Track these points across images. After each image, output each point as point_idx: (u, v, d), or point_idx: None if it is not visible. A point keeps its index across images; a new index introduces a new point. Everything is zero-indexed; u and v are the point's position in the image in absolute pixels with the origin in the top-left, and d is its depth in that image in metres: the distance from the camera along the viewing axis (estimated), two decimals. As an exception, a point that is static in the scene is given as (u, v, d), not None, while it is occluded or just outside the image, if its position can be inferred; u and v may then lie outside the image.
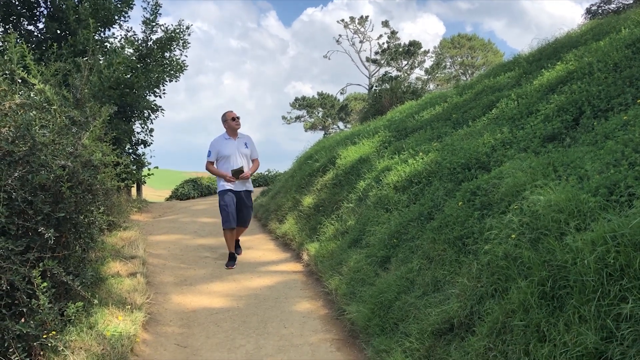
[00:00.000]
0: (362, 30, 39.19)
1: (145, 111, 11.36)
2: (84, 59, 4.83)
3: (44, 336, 2.84)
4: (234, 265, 5.96)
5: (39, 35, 10.44)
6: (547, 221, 2.67)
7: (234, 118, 5.99)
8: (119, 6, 10.78)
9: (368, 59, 39.48)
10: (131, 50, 10.66)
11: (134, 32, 11.85)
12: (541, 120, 4.56)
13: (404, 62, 38.95)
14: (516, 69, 7.08)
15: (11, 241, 2.81)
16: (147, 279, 5.11)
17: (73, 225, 3.37)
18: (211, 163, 6.02)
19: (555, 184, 3.02)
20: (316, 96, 42.40)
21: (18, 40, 8.69)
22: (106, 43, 10.67)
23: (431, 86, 35.23)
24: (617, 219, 2.27)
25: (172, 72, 11.59)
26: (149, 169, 11.95)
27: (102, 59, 9.54)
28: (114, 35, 13.47)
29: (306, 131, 42.28)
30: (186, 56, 37.68)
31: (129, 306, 3.99)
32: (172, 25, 11.43)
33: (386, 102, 13.38)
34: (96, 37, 10.39)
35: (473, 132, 5.40)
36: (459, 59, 39.59)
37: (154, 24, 11.16)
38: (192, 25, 12.50)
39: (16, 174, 2.94)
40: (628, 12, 7.05)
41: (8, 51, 4.01)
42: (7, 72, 3.85)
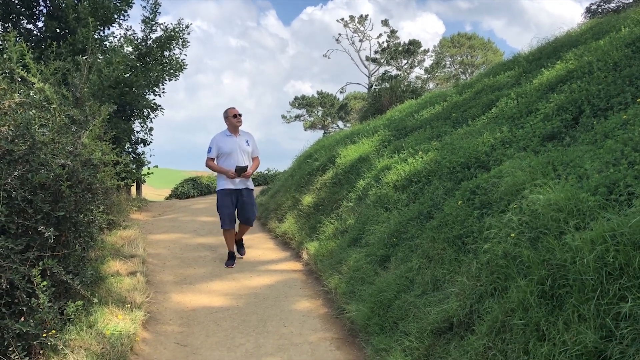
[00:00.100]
0: (362, 29, 39.17)
1: (144, 110, 11.35)
2: (84, 58, 4.81)
3: (44, 335, 2.85)
4: (234, 264, 5.95)
5: (39, 34, 10.42)
6: (547, 220, 2.68)
7: (236, 115, 5.92)
8: (119, 5, 10.76)
9: (368, 58, 39.45)
10: (130, 49, 10.66)
11: (134, 31, 11.86)
12: (541, 119, 4.56)
13: (404, 61, 38.94)
14: (516, 68, 7.08)
15: (11, 240, 2.81)
16: (147, 278, 5.11)
17: (73, 224, 3.38)
18: (212, 159, 5.91)
19: (554, 183, 3.02)
20: (316, 95, 42.38)
21: (17, 39, 8.71)
22: (105, 42, 10.66)
23: (431, 85, 35.27)
24: (617, 218, 2.27)
25: (172, 71, 11.57)
26: (149, 168, 11.94)
27: (102, 58, 9.53)
28: (114, 34, 13.51)
29: (306, 130, 42.32)
30: (186, 55, 37.85)
31: (129, 305, 4.00)
32: (172, 24, 11.48)
33: (386, 101, 13.36)
34: (95, 36, 10.37)
35: (473, 131, 5.40)
36: (459, 58, 39.58)
37: (154, 23, 11.15)
38: (192, 24, 12.54)
39: (16, 173, 2.94)
40: (628, 11, 7.05)
41: (7, 50, 4.01)
42: (7, 71, 3.84)
